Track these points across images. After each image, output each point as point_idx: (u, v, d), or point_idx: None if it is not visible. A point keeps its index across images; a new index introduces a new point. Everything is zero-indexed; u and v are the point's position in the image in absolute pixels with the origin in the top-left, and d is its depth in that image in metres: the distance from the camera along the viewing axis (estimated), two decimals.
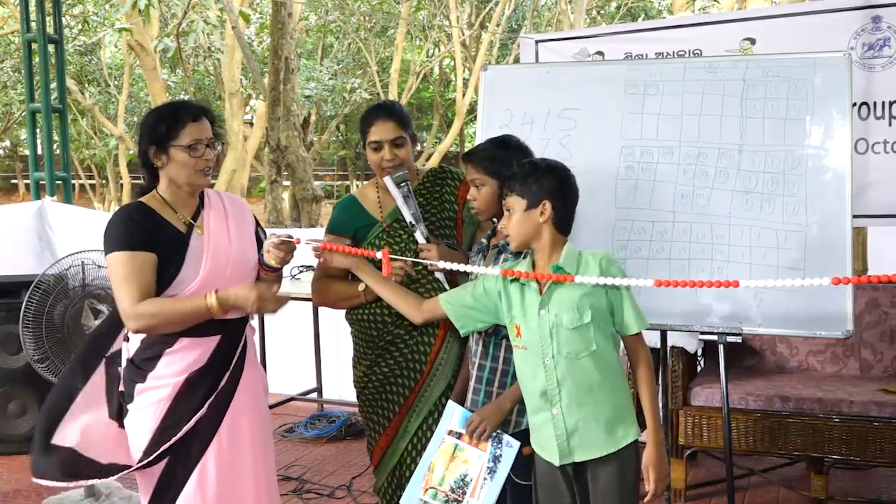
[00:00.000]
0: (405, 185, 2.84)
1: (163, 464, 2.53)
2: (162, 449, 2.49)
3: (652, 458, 2.36)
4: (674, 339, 4.10)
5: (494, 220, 2.69)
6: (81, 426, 2.58)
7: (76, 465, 2.56)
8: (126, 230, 2.47)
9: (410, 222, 2.82)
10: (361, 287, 2.88)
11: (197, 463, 2.53)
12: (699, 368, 4.50)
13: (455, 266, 2.45)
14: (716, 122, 3.15)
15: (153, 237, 2.48)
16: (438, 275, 2.83)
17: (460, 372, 2.88)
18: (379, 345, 2.94)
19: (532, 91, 3.42)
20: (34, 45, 7.00)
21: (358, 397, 3.06)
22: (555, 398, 2.37)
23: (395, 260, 2.71)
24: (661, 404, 3.96)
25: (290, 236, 2.52)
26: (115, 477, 2.55)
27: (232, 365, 2.59)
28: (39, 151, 7.37)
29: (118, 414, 2.60)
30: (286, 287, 4.61)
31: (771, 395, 3.90)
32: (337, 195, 24.70)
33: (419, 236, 2.80)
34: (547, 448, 2.42)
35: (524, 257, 2.50)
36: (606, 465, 2.36)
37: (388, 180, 2.84)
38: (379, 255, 2.45)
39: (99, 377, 2.65)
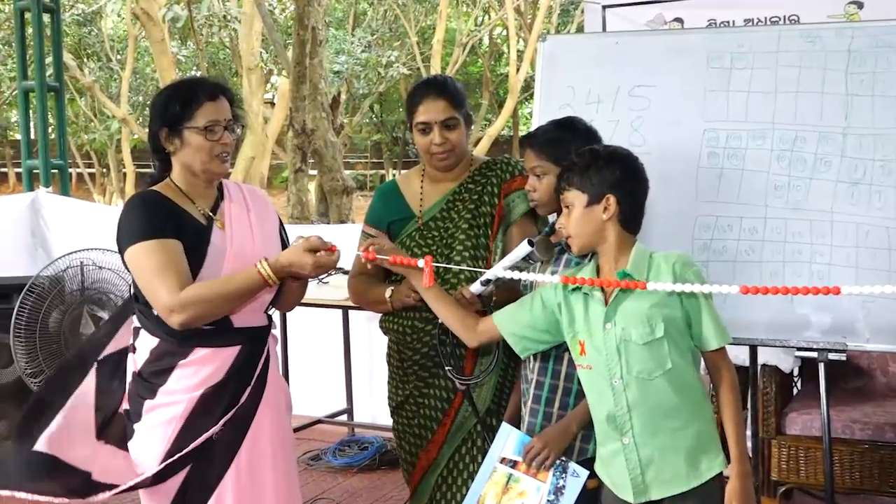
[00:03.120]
0: (533, 260, 2.62)
1: (175, 489, 2.57)
2: (174, 460, 2.52)
3: (736, 492, 2.34)
4: (765, 357, 4.07)
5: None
6: (68, 438, 2.61)
7: (58, 475, 2.58)
8: (147, 217, 2.53)
9: (489, 279, 2.62)
10: (388, 293, 2.91)
11: (213, 490, 2.57)
12: (795, 391, 4.47)
13: (509, 273, 2.44)
14: (816, 100, 3.13)
15: (176, 225, 2.54)
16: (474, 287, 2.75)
17: (512, 394, 2.89)
18: (413, 358, 2.97)
19: (598, 65, 3.42)
20: (27, 15, 7.13)
21: (392, 419, 3.10)
22: (625, 425, 2.37)
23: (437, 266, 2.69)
24: (749, 433, 3.94)
25: (321, 238, 2.52)
26: (113, 493, 2.58)
27: (253, 380, 2.63)
28: (33, 136, 7.52)
29: (104, 432, 2.65)
30: (312, 292, 4.65)
31: (881, 423, 3.86)
32: (370, 186, 24.84)
33: (476, 286, 2.65)
34: (619, 484, 2.42)
35: (589, 260, 2.51)
36: (687, 501, 2.36)
37: (528, 241, 2.59)
38: (421, 262, 2.43)
39: (87, 386, 2.69)
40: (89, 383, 2.70)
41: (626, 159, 2.42)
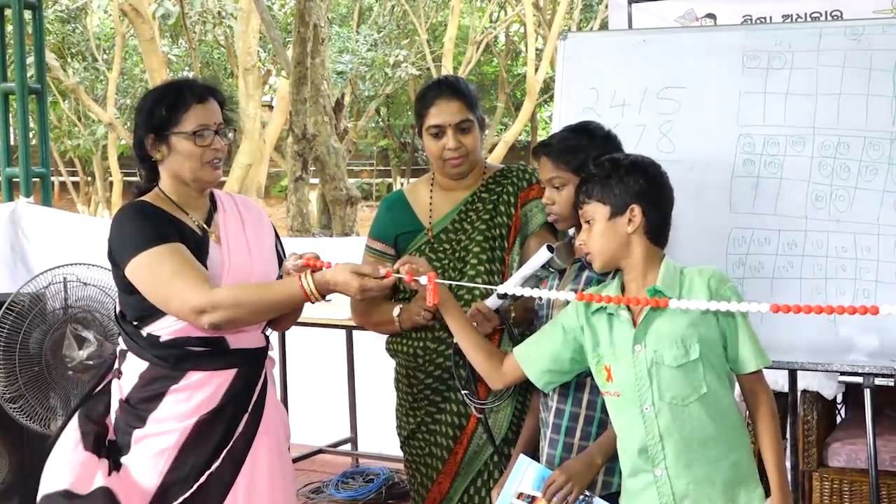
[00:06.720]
0: (553, 267, 2.63)
1: None
2: (165, 496, 2.52)
3: None
4: (806, 382, 4.05)
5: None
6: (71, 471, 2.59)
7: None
8: (148, 224, 2.55)
9: (503, 294, 2.65)
10: (396, 312, 2.92)
11: None
12: (839, 419, 4.45)
13: (521, 290, 2.44)
14: (860, 103, 3.13)
15: (177, 232, 2.56)
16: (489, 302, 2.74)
17: (527, 419, 2.88)
18: (425, 382, 2.97)
19: (624, 65, 3.42)
20: (7, 11, 7.16)
21: (402, 450, 3.10)
22: (657, 456, 2.36)
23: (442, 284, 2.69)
24: (788, 465, 3.92)
25: (318, 257, 2.52)
26: None
27: (250, 406, 2.64)
28: (13, 142, 7.54)
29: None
30: (313, 311, 4.64)
31: None
32: (376, 196, 24.87)
33: (493, 300, 2.69)
34: None
35: (612, 278, 2.50)
36: None
37: (547, 247, 2.61)
38: (423, 279, 2.44)
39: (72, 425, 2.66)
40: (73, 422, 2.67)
41: (650, 167, 2.44)
